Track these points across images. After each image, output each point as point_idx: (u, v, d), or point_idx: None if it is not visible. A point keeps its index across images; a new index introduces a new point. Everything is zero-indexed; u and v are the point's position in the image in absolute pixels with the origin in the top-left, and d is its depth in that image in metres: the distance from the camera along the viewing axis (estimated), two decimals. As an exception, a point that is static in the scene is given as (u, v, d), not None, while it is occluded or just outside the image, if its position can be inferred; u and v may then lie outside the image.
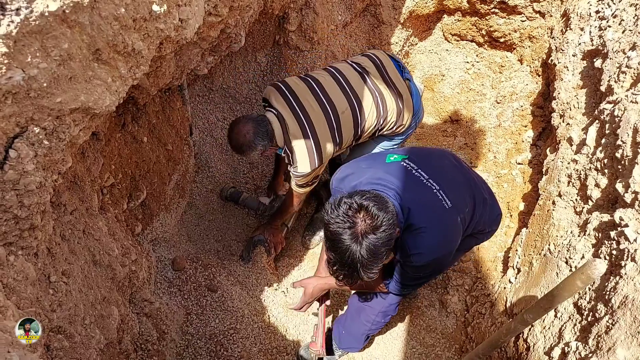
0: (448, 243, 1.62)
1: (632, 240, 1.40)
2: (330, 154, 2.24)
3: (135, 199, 2.09)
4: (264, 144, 2.12)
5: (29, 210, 1.04)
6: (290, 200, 2.58)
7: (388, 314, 2.10)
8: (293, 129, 2.15)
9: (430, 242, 1.56)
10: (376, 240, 1.37)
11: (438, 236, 1.57)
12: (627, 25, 2.13)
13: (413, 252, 1.56)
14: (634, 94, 1.70)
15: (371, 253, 1.38)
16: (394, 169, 1.67)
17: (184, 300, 2.22)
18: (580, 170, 1.93)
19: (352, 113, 2.23)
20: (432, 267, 1.65)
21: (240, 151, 2.17)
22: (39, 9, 0.84)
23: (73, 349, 1.27)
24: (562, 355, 1.50)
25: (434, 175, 1.65)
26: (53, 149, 1.05)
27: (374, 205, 1.39)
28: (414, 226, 1.55)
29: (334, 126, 2.20)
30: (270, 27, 3.02)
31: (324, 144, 2.17)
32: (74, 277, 1.38)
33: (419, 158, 1.72)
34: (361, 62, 2.37)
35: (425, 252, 1.56)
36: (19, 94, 0.88)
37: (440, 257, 1.61)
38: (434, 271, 1.73)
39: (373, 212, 1.38)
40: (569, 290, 1.27)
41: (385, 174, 1.64)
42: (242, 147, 2.13)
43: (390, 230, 1.39)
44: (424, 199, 1.59)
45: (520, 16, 3.48)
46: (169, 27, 1.24)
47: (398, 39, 3.78)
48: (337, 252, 1.41)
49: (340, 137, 2.23)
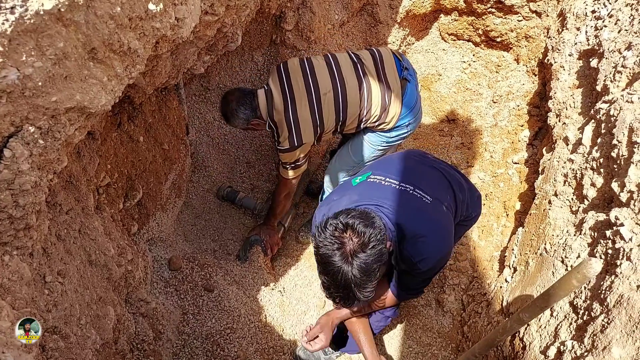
0: (446, 238, 1.63)
1: (627, 239, 1.41)
2: (311, 134, 2.31)
3: (132, 199, 2.09)
4: (247, 113, 2.31)
5: (24, 210, 1.04)
6: (279, 190, 2.59)
7: (389, 317, 2.12)
8: (277, 104, 2.27)
9: (431, 246, 1.56)
10: (366, 258, 1.35)
11: (435, 236, 1.58)
12: (623, 25, 2.14)
13: (417, 259, 1.55)
14: (629, 94, 1.71)
15: (363, 272, 1.36)
16: (365, 188, 1.67)
17: (180, 300, 2.22)
18: (576, 170, 1.93)
19: (334, 96, 2.28)
20: (440, 265, 1.66)
21: (225, 118, 2.41)
22: (34, 8, 0.84)
23: (69, 349, 1.26)
24: (557, 354, 1.50)
25: (404, 177, 1.66)
26: (48, 148, 1.04)
27: (360, 223, 1.38)
28: (409, 235, 1.55)
29: (314, 106, 2.27)
30: (267, 26, 3.02)
31: (304, 122, 2.27)
32: (69, 277, 1.37)
33: (382, 169, 1.74)
34: (360, 54, 2.40)
35: (430, 255, 1.56)
36: (13, 93, 0.88)
37: (445, 254, 1.64)
38: (441, 267, 1.73)
39: (359, 229, 1.36)
40: (564, 290, 1.27)
41: (359, 194, 1.64)
42: (226, 114, 2.37)
43: (379, 245, 1.38)
44: (406, 204, 1.59)
45: (516, 16, 3.49)
46: (165, 26, 1.24)
47: (395, 38, 3.78)
48: (330, 274, 1.40)
49: (320, 118, 2.29)
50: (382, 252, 1.39)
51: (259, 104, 2.31)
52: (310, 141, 2.35)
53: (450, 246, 1.67)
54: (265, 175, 3.19)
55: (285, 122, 2.26)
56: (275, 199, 2.66)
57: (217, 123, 3.05)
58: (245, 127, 2.42)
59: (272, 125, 2.33)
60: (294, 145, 2.30)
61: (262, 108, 2.32)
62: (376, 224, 1.42)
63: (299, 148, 2.32)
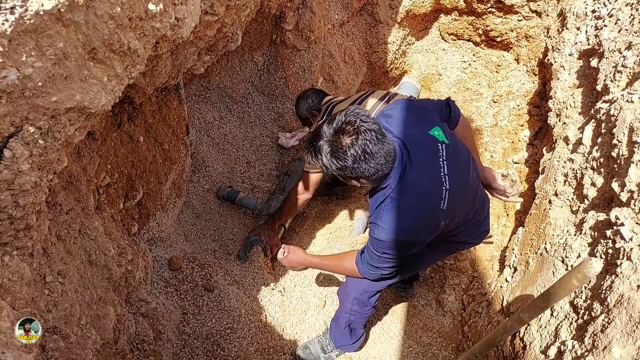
0: (413, 234, 1.56)
1: (627, 239, 1.41)
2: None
3: (132, 199, 2.09)
4: (315, 103, 2.67)
5: (24, 210, 1.04)
6: (295, 188, 2.61)
7: (366, 304, 2.07)
8: (330, 97, 2.64)
9: (397, 222, 1.52)
10: (362, 143, 1.40)
11: (409, 221, 1.53)
12: (623, 24, 2.14)
13: (378, 222, 1.54)
14: (629, 93, 1.71)
15: (335, 133, 1.42)
16: (428, 142, 1.60)
17: (180, 300, 2.22)
18: (576, 170, 1.93)
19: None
20: (385, 248, 1.58)
21: (296, 100, 2.76)
22: (33, 8, 0.84)
23: (69, 349, 1.26)
24: (558, 354, 1.50)
25: (452, 175, 1.58)
26: (48, 148, 1.04)
27: (377, 133, 1.42)
28: (397, 198, 1.52)
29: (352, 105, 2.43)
30: (267, 26, 3.02)
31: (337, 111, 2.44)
32: (69, 277, 1.37)
33: (452, 150, 1.64)
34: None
35: (387, 228, 1.52)
36: (13, 93, 0.88)
37: (398, 242, 1.55)
38: (387, 254, 1.62)
39: (373, 136, 1.41)
40: (565, 289, 1.27)
41: (420, 137, 1.59)
42: (299, 97, 2.73)
43: (360, 150, 1.40)
44: (427, 185, 1.54)
45: (516, 15, 3.49)
46: (165, 26, 1.24)
47: (395, 38, 3.78)
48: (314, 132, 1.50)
49: None
50: (358, 158, 1.41)
51: (325, 100, 2.65)
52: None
53: (407, 245, 1.58)
54: (266, 175, 3.19)
55: (326, 108, 2.54)
56: (289, 194, 2.67)
57: (217, 123, 3.05)
58: (305, 113, 2.70)
59: (318, 112, 2.64)
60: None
61: (323, 103, 2.64)
62: (386, 148, 1.45)
63: None
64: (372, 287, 2.01)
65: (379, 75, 4.00)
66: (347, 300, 2.08)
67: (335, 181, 3.24)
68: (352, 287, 2.05)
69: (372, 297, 2.07)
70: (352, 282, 2.06)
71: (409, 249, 1.61)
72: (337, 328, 2.22)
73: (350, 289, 2.06)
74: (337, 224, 3.20)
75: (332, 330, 2.27)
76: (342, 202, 3.35)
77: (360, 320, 2.17)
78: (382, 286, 2.03)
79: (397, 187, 1.52)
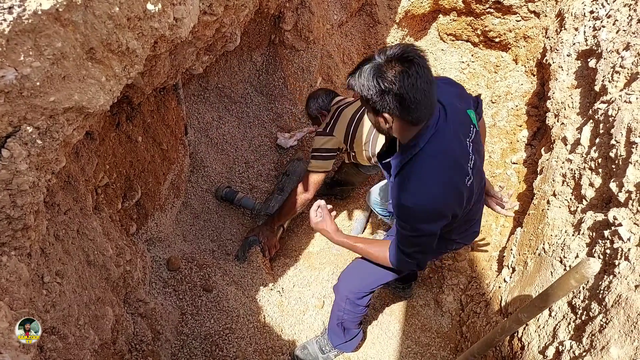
0: (442, 202, 1.46)
1: (625, 239, 1.41)
2: (343, 132, 2.50)
3: (130, 199, 2.08)
4: (325, 103, 2.70)
5: (22, 210, 1.03)
6: (297, 188, 2.63)
7: (357, 305, 2.05)
8: (345, 101, 2.65)
9: (426, 186, 1.43)
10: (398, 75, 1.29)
11: (439, 187, 1.44)
12: (621, 25, 2.14)
13: (405, 185, 1.45)
14: (627, 94, 1.71)
15: (387, 59, 1.31)
16: (464, 118, 1.55)
17: (179, 301, 2.21)
18: (574, 170, 1.94)
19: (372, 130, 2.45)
20: (414, 219, 1.47)
21: (307, 99, 2.79)
22: (32, 8, 0.83)
23: (67, 349, 1.26)
24: (556, 354, 1.50)
25: (475, 159, 1.55)
26: (46, 148, 1.04)
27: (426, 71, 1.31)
28: (427, 160, 1.43)
29: (357, 113, 2.50)
30: (266, 27, 3.02)
31: (343, 118, 2.52)
32: (67, 278, 1.37)
33: (477, 138, 1.61)
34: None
35: (416, 192, 1.43)
36: (11, 93, 0.88)
37: (426, 211, 1.44)
38: (416, 231, 1.50)
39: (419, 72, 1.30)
40: (563, 289, 1.27)
41: (459, 110, 1.53)
42: (310, 96, 2.77)
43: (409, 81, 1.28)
44: (457, 155, 1.47)
45: (515, 16, 3.49)
46: (164, 26, 1.24)
47: (394, 38, 3.79)
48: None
49: (356, 125, 2.47)
50: (410, 102, 1.31)
51: (335, 100, 2.70)
52: (339, 138, 2.50)
53: (431, 214, 1.47)
54: (264, 176, 3.19)
55: (334, 111, 2.58)
56: (290, 195, 2.69)
57: (215, 123, 3.05)
58: (315, 112, 2.74)
59: (329, 114, 2.67)
60: (325, 131, 2.53)
61: (333, 104, 2.69)
62: (432, 98, 1.36)
63: (328, 137, 2.51)
64: (364, 289, 2.01)
65: (378, 75, 3.99)
66: (340, 297, 2.07)
67: (335, 181, 3.24)
68: (344, 286, 2.05)
69: (364, 298, 2.05)
70: (344, 281, 2.05)
71: (437, 220, 1.49)
72: (330, 324, 2.22)
73: (343, 288, 2.05)
74: (336, 224, 3.20)
75: (329, 330, 2.27)
76: (341, 202, 3.35)
77: (352, 320, 2.15)
78: (374, 287, 2.02)
79: (426, 148, 1.43)
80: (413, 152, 1.44)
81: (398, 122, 1.39)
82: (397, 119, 1.38)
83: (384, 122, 1.41)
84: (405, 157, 1.47)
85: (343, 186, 3.24)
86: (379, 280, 1.99)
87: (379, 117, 1.41)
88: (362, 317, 2.20)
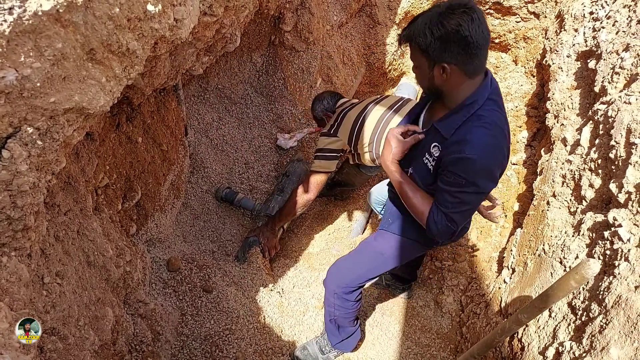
0: (498, 163, 1.44)
1: (625, 240, 1.41)
2: (347, 134, 2.51)
3: (130, 200, 2.08)
4: (330, 105, 2.75)
5: (22, 211, 1.03)
6: (299, 187, 2.63)
7: (347, 300, 2.04)
8: (344, 101, 2.71)
9: (489, 141, 1.39)
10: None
11: (501, 149, 1.42)
12: (621, 26, 2.14)
13: (467, 138, 1.38)
14: (627, 95, 1.71)
15: (446, 9, 1.30)
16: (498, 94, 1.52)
17: (178, 301, 2.21)
18: (574, 171, 1.94)
19: (378, 121, 2.46)
20: (471, 172, 1.40)
21: (313, 101, 2.84)
22: (32, 9, 0.84)
23: (67, 350, 1.26)
24: (556, 355, 1.50)
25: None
26: (47, 149, 1.04)
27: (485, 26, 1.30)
28: (487, 117, 1.40)
29: (361, 115, 2.51)
30: (266, 27, 3.02)
31: (347, 120, 2.54)
32: (68, 278, 1.37)
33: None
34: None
35: (480, 143, 1.37)
36: (12, 93, 0.88)
37: (484, 168, 1.39)
38: (468, 188, 1.42)
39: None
40: (563, 290, 1.27)
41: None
42: (316, 98, 2.82)
43: (470, 28, 1.27)
44: (505, 124, 1.46)
45: (515, 17, 3.50)
46: (164, 27, 1.24)
47: (393, 39, 3.79)
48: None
49: (360, 126, 2.48)
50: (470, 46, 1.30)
51: (340, 102, 2.74)
52: (344, 140, 2.51)
53: (496, 168, 1.43)
54: (264, 176, 3.19)
55: (339, 112, 2.60)
56: (290, 196, 2.67)
57: (215, 124, 3.05)
58: (320, 114, 2.79)
59: (333, 115, 2.69)
60: (329, 132, 2.55)
61: (338, 106, 2.73)
62: (486, 51, 1.35)
63: (332, 138, 2.53)
64: (352, 283, 2.00)
65: (378, 76, 4.00)
66: (329, 293, 2.07)
67: (335, 182, 3.25)
68: (331, 280, 2.04)
69: (353, 293, 2.04)
70: (332, 275, 2.05)
71: (494, 180, 1.46)
72: (325, 323, 2.22)
73: (330, 282, 2.05)
74: (336, 225, 3.20)
75: (326, 331, 2.27)
76: (341, 203, 3.35)
77: (345, 316, 2.13)
78: (362, 282, 2.01)
79: (486, 105, 1.41)
80: (472, 110, 1.41)
81: (456, 72, 1.37)
82: (456, 69, 1.36)
83: (440, 74, 1.38)
84: (463, 116, 1.42)
85: (343, 187, 3.25)
86: (367, 274, 1.98)
87: (436, 69, 1.38)
88: (355, 314, 2.17)
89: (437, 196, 1.51)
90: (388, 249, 1.89)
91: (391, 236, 1.88)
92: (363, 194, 3.37)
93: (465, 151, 1.37)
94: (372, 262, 1.95)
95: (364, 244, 2.02)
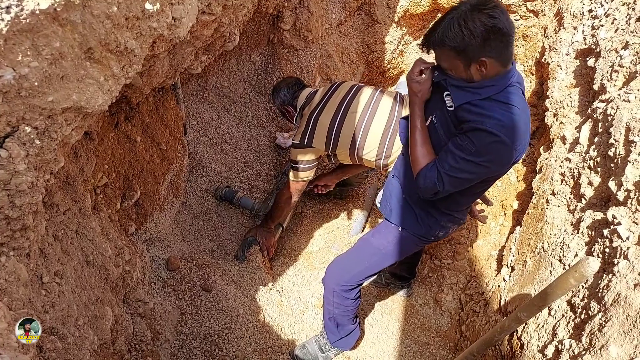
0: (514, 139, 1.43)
1: (624, 238, 1.41)
2: (323, 141, 2.35)
3: (129, 199, 2.08)
4: (287, 97, 2.57)
5: (21, 210, 1.03)
6: (281, 192, 2.63)
7: (345, 298, 2.05)
8: (314, 102, 2.44)
9: (508, 118, 1.40)
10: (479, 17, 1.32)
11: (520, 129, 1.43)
12: (620, 24, 2.14)
13: (485, 112, 1.40)
14: (626, 93, 1.72)
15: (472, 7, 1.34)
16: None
17: (178, 300, 2.21)
18: (573, 169, 1.94)
19: (359, 119, 2.31)
20: (485, 143, 1.41)
21: (272, 92, 2.68)
22: (29, 7, 0.83)
23: (66, 350, 1.26)
24: (555, 353, 1.51)
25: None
26: (45, 148, 1.04)
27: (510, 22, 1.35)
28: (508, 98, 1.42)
29: (337, 118, 2.33)
30: (265, 26, 3.02)
31: (321, 126, 2.35)
32: (66, 278, 1.37)
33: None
34: (405, 98, 2.40)
35: (499, 118, 1.39)
36: (9, 93, 0.88)
37: (498, 141, 1.40)
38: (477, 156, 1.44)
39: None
40: (562, 288, 1.27)
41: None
42: (274, 88, 2.65)
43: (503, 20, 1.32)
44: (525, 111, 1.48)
45: (514, 15, 3.50)
46: (162, 26, 1.24)
47: (392, 37, 3.79)
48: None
49: (337, 132, 2.33)
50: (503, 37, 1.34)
51: (300, 96, 2.54)
52: (319, 149, 2.37)
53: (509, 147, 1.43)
54: (263, 175, 3.19)
55: (308, 118, 2.39)
56: (275, 200, 2.70)
57: (214, 123, 3.04)
58: (280, 107, 2.64)
59: (300, 117, 2.51)
60: (303, 143, 2.38)
61: (300, 100, 2.53)
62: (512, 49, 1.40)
63: (305, 149, 2.39)
64: (350, 280, 2.01)
65: (377, 74, 4.00)
66: (328, 291, 2.08)
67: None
68: (330, 278, 2.05)
69: (352, 291, 2.04)
70: (331, 273, 2.06)
71: (505, 164, 1.50)
72: (324, 321, 2.23)
73: (329, 280, 2.05)
74: (335, 224, 3.20)
75: (325, 330, 2.27)
76: (340, 201, 3.35)
77: (344, 314, 2.13)
78: (361, 279, 2.01)
79: (508, 89, 1.44)
80: (490, 92, 1.42)
81: (493, 64, 1.39)
82: (494, 61, 1.38)
83: (479, 69, 1.40)
84: (478, 95, 1.43)
85: (342, 186, 3.24)
86: (365, 271, 1.99)
87: (473, 66, 1.41)
88: (354, 312, 2.18)
89: (441, 154, 1.54)
90: (386, 245, 1.90)
91: (389, 232, 1.88)
92: (362, 192, 3.37)
93: (486, 123, 1.39)
94: (371, 259, 1.96)
95: (361, 241, 2.03)
